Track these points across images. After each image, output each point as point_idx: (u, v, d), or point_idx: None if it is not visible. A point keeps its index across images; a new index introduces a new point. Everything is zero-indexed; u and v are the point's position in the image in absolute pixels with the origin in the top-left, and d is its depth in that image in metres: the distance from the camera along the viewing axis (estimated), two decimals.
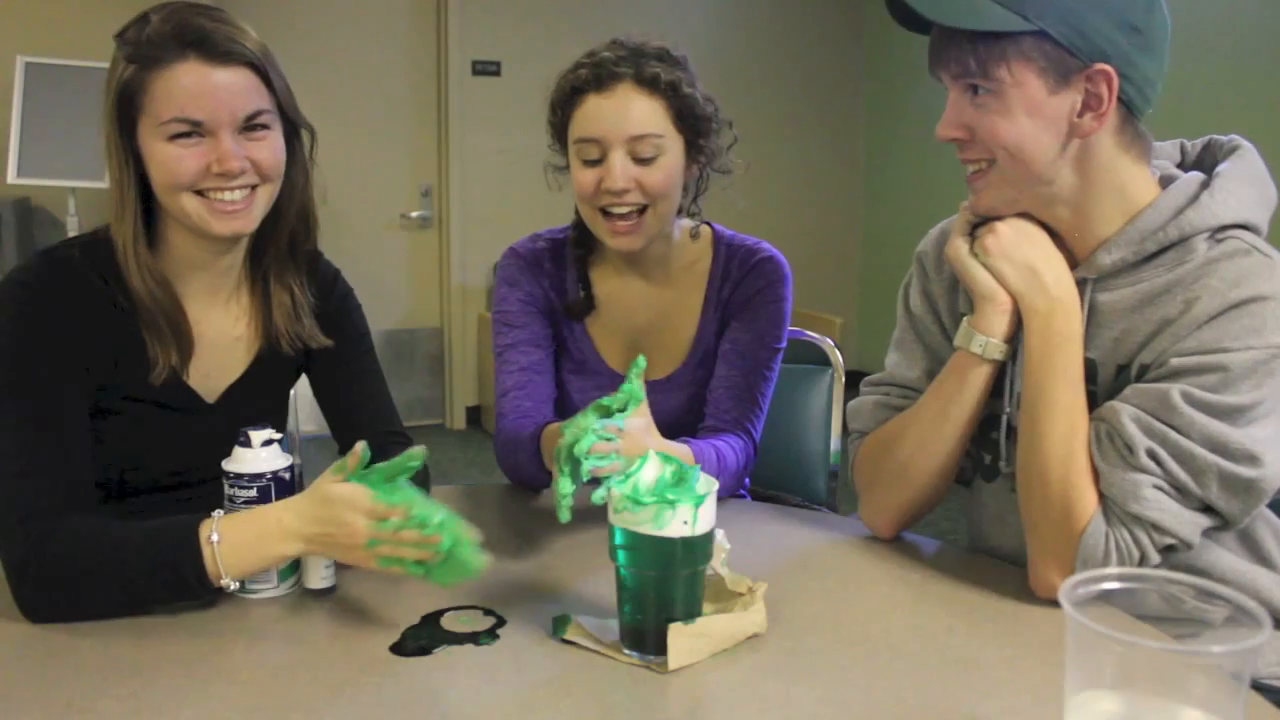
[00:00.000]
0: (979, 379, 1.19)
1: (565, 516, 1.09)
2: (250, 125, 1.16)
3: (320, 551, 1.07)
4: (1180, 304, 1.07)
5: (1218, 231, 1.09)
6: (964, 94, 1.10)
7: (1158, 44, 1.08)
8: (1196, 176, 1.13)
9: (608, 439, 1.13)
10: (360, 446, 1.05)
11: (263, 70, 1.16)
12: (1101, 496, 1.07)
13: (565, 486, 1.10)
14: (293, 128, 1.23)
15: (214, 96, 1.13)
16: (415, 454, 1.06)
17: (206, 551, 1.03)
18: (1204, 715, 0.70)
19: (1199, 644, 0.70)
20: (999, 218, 1.16)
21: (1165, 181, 1.15)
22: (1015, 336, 1.17)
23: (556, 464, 1.12)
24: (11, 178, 3.52)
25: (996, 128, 1.08)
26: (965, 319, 1.19)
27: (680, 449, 1.33)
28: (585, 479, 1.11)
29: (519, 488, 1.48)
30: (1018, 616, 1.07)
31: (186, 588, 1.04)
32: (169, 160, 1.14)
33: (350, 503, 1.03)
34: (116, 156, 1.17)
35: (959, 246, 1.18)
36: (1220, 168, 1.12)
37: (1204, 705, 0.70)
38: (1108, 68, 1.05)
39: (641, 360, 1.17)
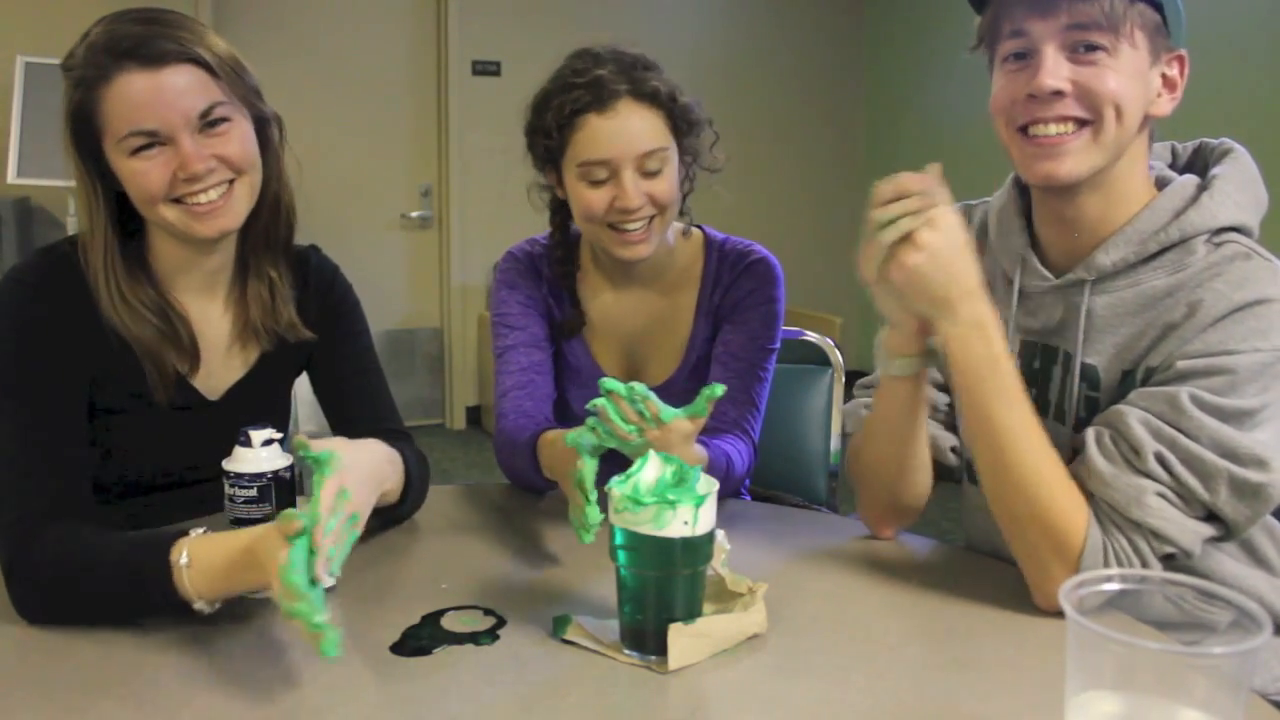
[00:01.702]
0: (909, 391, 1.19)
1: (588, 539, 1.08)
2: (210, 121, 1.14)
3: None
4: (1184, 307, 1.06)
5: (1216, 234, 1.09)
6: (1061, 51, 1.07)
7: None
8: (1192, 179, 1.13)
9: (642, 413, 1.12)
10: (300, 524, 0.91)
11: (206, 63, 1.13)
12: (1091, 499, 1.05)
13: (595, 516, 1.08)
14: (261, 117, 1.22)
15: (161, 101, 1.11)
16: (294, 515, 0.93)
17: (176, 574, 0.99)
18: (1204, 716, 0.70)
19: (1199, 645, 0.70)
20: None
21: (1160, 183, 1.15)
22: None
23: (580, 490, 1.11)
24: (11, 178, 3.52)
25: (1113, 84, 1.06)
26: (878, 339, 1.20)
27: (698, 453, 1.33)
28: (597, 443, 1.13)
29: (520, 488, 1.48)
30: (1018, 616, 1.07)
31: (156, 608, 1.01)
32: (136, 175, 1.13)
33: (272, 561, 0.92)
34: (83, 184, 1.15)
35: (870, 269, 1.11)
36: (1217, 170, 1.12)
37: (1204, 706, 0.70)
38: (1184, 53, 1.09)
39: (719, 388, 1.13)
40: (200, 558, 0.99)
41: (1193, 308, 1.06)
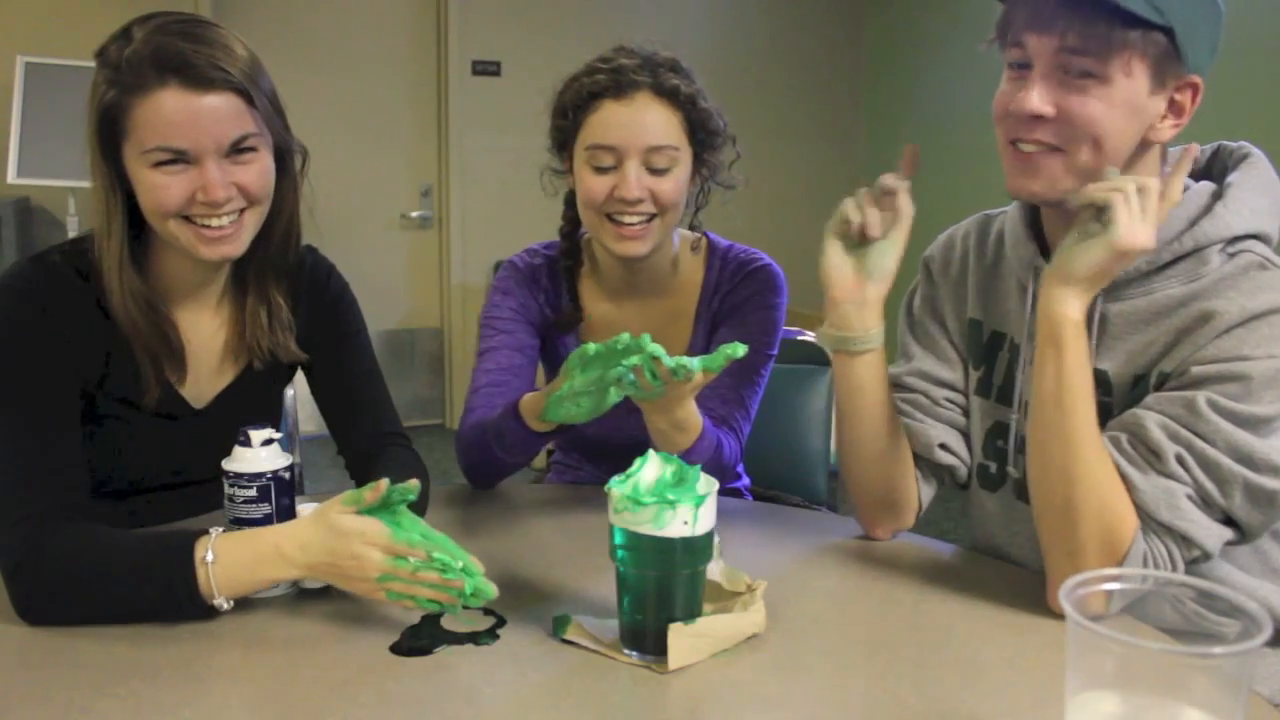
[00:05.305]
0: (869, 371, 1.21)
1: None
2: (237, 149, 1.14)
3: (322, 579, 1.06)
4: (1197, 313, 1.06)
5: (1231, 243, 1.08)
6: (1055, 71, 1.05)
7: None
8: (1208, 186, 1.12)
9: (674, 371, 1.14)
10: (383, 484, 1.02)
11: (247, 93, 1.13)
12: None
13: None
14: (286, 147, 1.22)
15: (197, 125, 1.10)
16: (411, 488, 1.04)
17: (200, 571, 1.01)
18: (1204, 716, 0.70)
19: (1198, 645, 0.70)
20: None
21: None
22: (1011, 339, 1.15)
23: (570, 370, 1.16)
24: (11, 178, 3.52)
25: (1095, 113, 1.04)
26: (826, 323, 1.21)
27: (694, 411, 1.31)
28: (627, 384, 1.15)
29: (481, 481, 1.47)
30: (1018, 616, 1.07)
31: (177, 605, 1.02)
32: (154, 188, 1.13)
33: (364, 536, 1.01)
34: (102, 179, 1.15)
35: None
36: (1231, 177, 1.11)
37: (1204, 706, 0.70)
38: (1199, 80, 1.05)
39: (740, 348, 1.15)
40: (225, 554, 1.02)
41: (1206, 315, 1.05)
